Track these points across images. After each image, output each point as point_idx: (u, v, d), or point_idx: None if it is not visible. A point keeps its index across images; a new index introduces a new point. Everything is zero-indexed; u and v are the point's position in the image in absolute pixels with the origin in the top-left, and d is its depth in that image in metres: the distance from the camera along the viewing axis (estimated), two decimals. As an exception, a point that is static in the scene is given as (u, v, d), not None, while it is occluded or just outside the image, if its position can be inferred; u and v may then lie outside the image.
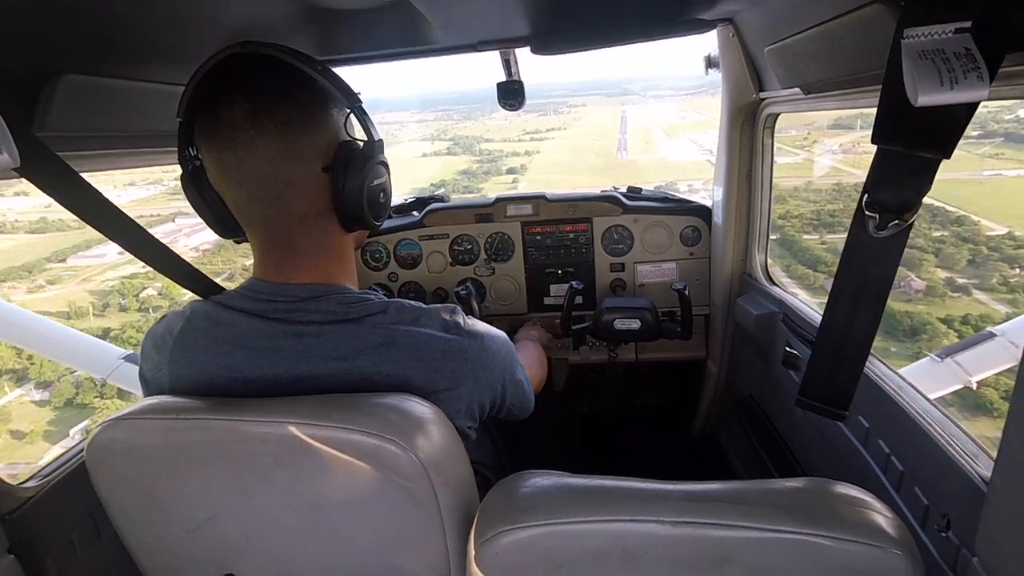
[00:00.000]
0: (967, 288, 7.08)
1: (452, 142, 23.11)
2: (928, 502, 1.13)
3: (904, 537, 0.70)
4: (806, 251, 8.21)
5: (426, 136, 24.58)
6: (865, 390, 1.32)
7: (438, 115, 25.54)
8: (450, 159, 21.63)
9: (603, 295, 2.42)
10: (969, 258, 7.26)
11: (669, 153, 20.69)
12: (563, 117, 27.15)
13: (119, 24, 1.05)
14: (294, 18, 1.24)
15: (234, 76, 0.91)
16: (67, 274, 11.33)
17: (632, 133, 24.34)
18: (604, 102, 29.31)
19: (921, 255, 7.31)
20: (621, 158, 21.45)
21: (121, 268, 11.01)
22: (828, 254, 9.03)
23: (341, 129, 0.97)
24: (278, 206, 0.92)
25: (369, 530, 0.87)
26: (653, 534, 0.72)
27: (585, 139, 25.01)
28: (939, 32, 0.76)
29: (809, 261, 8.30)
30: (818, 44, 1.25)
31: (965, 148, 7.47)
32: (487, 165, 20.88)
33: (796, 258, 8.26)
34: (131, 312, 10.33)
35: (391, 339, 0.93)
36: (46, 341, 2.80)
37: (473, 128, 23.77)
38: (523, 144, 22.72)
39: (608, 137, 24.10)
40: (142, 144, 1.41)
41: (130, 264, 10.79)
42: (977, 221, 7.78)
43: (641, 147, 22.61)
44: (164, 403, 0.90)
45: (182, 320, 0.98)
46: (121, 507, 0.95)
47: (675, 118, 23.41)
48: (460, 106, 24.66)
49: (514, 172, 20.25)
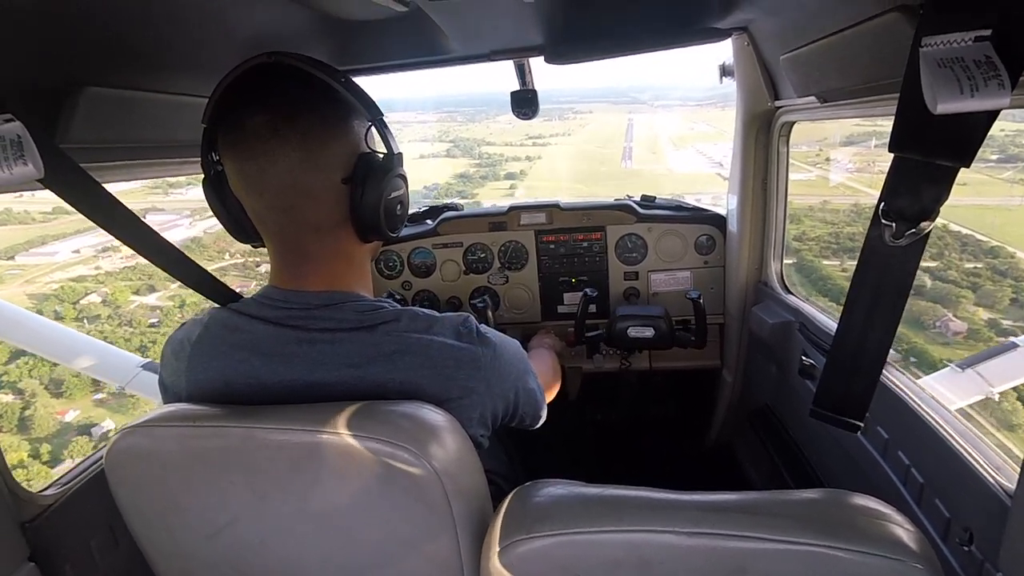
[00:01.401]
0: (1015, 334, 6.14)
1: (452, 144, 22.67)
2: (950, 515, 1.11)
3: (925, 551, 0.69)
4: (828, 280, 7.83)
5: (427, 137, 24.12)
6: (884, 400, 1.30)
7: (442, 116, 25.18)
8: (448, 161, 21.18)
9: (617, 304, 2.41)
10: (1012, 296, 6.51)
11: (676, 163, 20.14)
12: (568, 123, 26.68)
13: (140, 37, 1.07)
14: (311, 28, 1.26)
15: (259, 86, 0.92)
16: (12, 273, 10.39)
17: (638, 142, 23.89)
18: (611, 110, 28.77)
19: (957, 291, 6.54)
20: (625, 167, 21.05)
21: (71, 269, 10.28)
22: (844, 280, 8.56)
23: (362, 141, 0.98)
24: (296, 215, 0.94)
25: (382, 537, 0.87)
26: (668, 544, 0.72)
27: (589, 146, 24.59)
28: (958, 40, 0.76)
29: (832, 292, 7.96)
30: (834, 52, 1.25)
31: (987, 172, 7.01)
32: (485, 170, 20.41)
33: (816, 287, 7.94)
34: (66, 321, 8.63)
35: (404, 347, 0.93)
36: (65, 349, 2.83)
37: (476, 130, 23.32)
38: (525, 149, 22.12)
39: (613, 145, 23.67)
40: (162, 155, 1.43)
41: (82, 264, 10.24)
42: (1013, 253, 7.13)
43: (647, 156, 22.17)
44: (181, 410, 0.91)
45: (200, 327, 0.99)
46: (139, 514, 0.96)
47: (683, 129, 22.76)
48: (466, 108, 24.10)
49: (513, 178, 19.75)
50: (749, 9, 1.50)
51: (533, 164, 21.36)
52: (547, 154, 22.78)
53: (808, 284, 8.01)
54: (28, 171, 0.86)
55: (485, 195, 18.03)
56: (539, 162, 21.74)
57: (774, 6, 1.44)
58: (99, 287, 9.84)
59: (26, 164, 0.86)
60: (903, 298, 0.97)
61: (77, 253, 10.45)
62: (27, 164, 0.86)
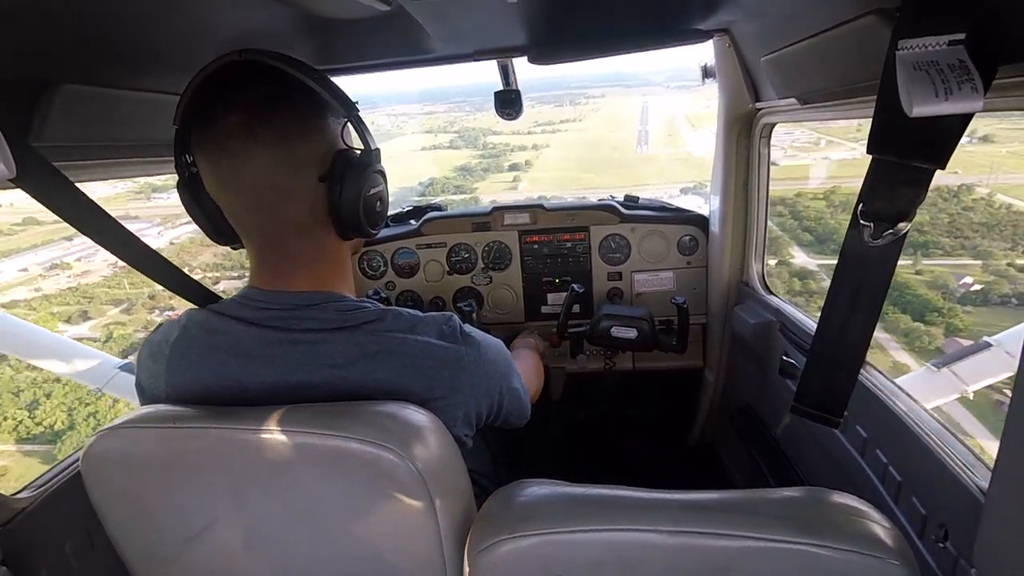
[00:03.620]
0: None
1: (456, 135, 22.00)
2: (926, 512, 1.13)
3: (902, 547, 0.70)
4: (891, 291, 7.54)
5: (431, 128, 23.52)
6: (862, 400, 1.32)
7: (449, 107, 24.58)
8: (450, 153, 20.46)
9: (600, 304, 2.42)
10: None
11: (696, 147, 18.67)
12: (579, 108, 25.85)
13: (116, 33, 1.05)
14: (292, 27, 1.25)
15: (231, 84, 0.91)
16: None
17: (654, 126, 22.88)
18: (625, 93, 27.61)
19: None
20: (641, 152, 20.13)
21: (10, 292, 9.83)
22: (933, 293, 7.85)
23: (338, 138, 0.97)
24: (274, 215, 0.93)
25: (366, 538, 0.87)
26: (650, 543, 0.72)
27: (601, 131, 23.78)
28: (933, 44, 0.77)
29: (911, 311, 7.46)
30: (814, 54, 1.26)
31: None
32: (488, 161, 19.66)
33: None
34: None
35: (387, 347, 0.92)
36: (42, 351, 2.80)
37: (483, 120, 22.31)
38: (532, 137, 21.17)
39: (627, 129, 22.83)
40: (138, 154, 1.41)
41: (24, 285, 9.81)
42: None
43: (664, 140, 21.18)
44: (159, 411, 0.90)
45: (178, 329, 0.98)
46: (116, 517, 0.95)
47: (700, 107, 22.00)
48: (475, 97, 23.43)
49: (517, 169, 18.96)
50: (731, 11, 1.51)
51: (540, 153, 20.58)
52: (556, 141, 22.03)
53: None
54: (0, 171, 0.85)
55: (486, 189, 17.47)
56: (547, 151, 20.92)
57: (755, 8, 1.46)
58: (30, 313, 9.26)
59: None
60: (882, 297, 0.99)
61: (24, 271, 10.12)
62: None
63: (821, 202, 11.35)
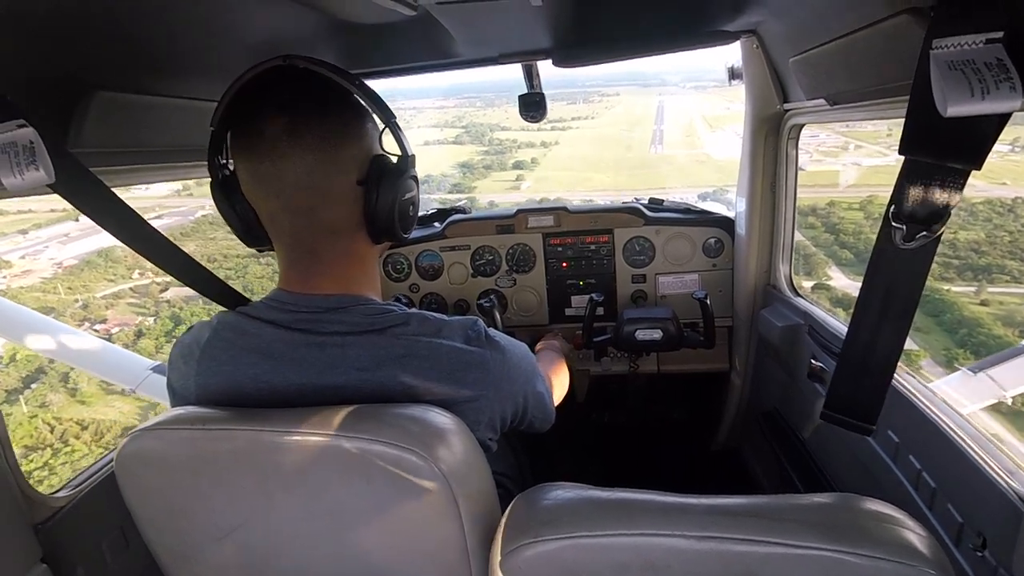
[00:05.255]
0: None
1: (463, 130, 21.77)
2: (962, 520, 1.10)
3: (938, 556, 0.68)
4: (953, 309, 6.13)
5: (440, 123, 23.25)
6: (895, 404, 1.29)
7: (460, 102, 24.63)
8: (454, 149, 20.04)
9: (624, 306, 2.41)
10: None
11: (714, 148, 18.08)
12: (593, 106, 25.50)
13: (151, 41, 1.08)
14: (320, 32, 1.27)
15: (274, 89, 0.93)
16: None
17: (670, 125, 22.42)
18: (640, 92, 27.25)
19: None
20: (655, 152, 19.66)
21: None
22: (1009, 331, 6.99)
23: (375, 143, 0.99)
24: (310, 217, 0.94)
25: (390, 540, 0.88)
26: (676, 548, 0.71)
27: (614, 129, 23.35)
28: (969, 42, 0.75)
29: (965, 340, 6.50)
30: (844, 55, 1.24)
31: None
32: (492, 158, 19.23)
33: (940, 326, 6.53)
34: None
35: (413, 350, 0.93)
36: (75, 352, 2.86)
37: (493, 115, 22.29)
38: (541, 134, 20.53)
39: (641, 128, 22.35)
40: (171, 159, 1.44)
41: None
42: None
43: (680, 140, 20.63)
44: (190, 413, 0.91)
45: (209, 330, 0.99)
46: (149, 517, 0.97)
47: (719, 109, 21.16)
48: (487, 93, 23.20)
49: (521, 167, 18.39)
50: (758, 12, 1.50)
51: (548, 151, 20.03)
52: (566, 139, 21.53)
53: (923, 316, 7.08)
54: (39, 176, 0.87)
55: (485, 188, 17.01)
56: (556, 148, 20.38)
57: (783, 9, 1.44)
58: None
59: (37, 169, 0.87)
60: (915, 301, 0.97)
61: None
62: (38, 170, 0.87)
63: (858, 213, 10.78)
